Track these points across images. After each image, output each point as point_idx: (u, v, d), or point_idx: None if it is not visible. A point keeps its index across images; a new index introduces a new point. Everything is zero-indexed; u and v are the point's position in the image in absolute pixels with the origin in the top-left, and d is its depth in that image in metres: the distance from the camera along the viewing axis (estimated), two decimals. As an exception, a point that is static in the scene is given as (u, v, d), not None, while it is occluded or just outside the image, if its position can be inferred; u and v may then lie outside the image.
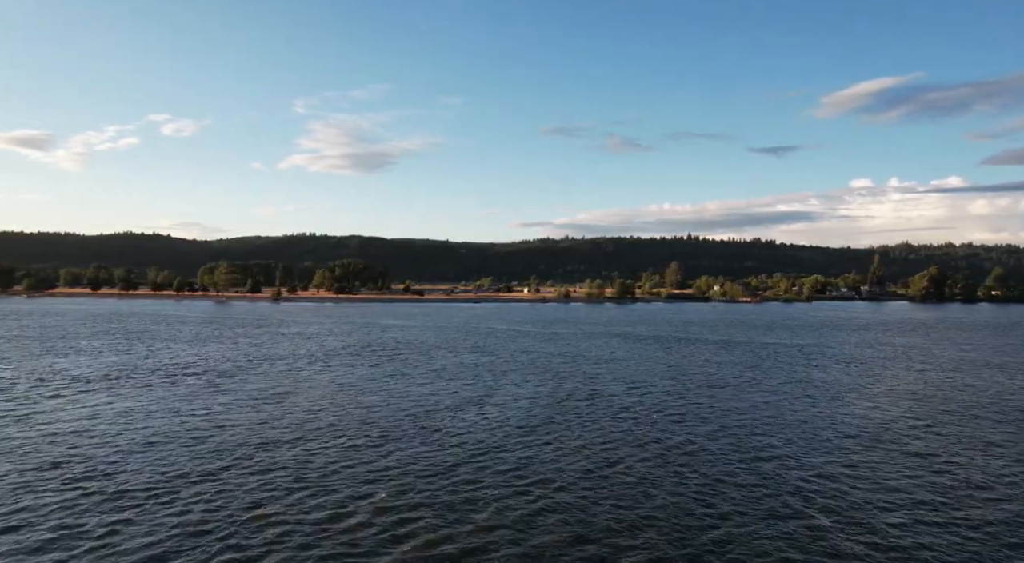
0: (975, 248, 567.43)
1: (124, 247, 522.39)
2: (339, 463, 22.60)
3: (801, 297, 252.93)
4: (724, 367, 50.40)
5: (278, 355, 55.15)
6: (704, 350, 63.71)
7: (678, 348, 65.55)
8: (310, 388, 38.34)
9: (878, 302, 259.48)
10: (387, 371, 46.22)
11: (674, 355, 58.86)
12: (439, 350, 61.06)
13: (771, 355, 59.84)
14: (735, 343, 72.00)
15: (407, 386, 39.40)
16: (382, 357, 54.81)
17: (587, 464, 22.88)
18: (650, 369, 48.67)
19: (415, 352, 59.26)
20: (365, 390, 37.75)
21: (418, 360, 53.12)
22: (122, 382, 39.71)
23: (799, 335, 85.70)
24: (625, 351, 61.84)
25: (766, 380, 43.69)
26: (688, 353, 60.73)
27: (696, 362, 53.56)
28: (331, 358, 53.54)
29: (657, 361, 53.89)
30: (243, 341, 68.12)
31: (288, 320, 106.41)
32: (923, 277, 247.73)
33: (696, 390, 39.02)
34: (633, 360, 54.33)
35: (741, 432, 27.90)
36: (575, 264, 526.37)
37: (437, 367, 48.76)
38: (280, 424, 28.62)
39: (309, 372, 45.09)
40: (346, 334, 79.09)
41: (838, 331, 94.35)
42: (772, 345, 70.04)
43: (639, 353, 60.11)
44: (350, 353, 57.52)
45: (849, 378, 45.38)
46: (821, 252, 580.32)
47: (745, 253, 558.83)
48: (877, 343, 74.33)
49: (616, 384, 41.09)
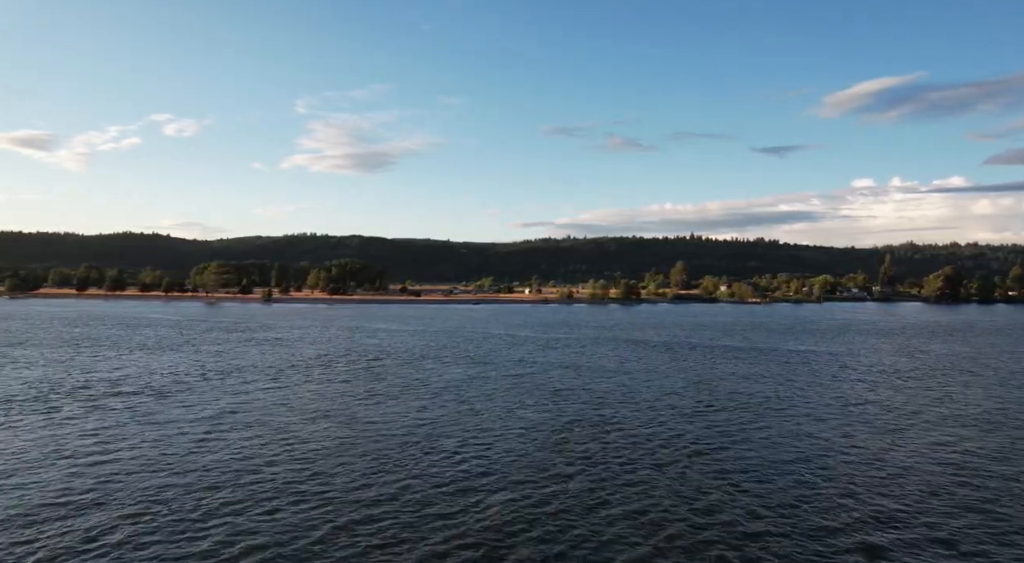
0: (981, 248, 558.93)
1: (123, 247, 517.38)
2: (240, 530, 15.28)
3: (812, 298, 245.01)
4: (755, 383, 42.95)
5: (236, 367, 47.85)
6: (726, 360, 56.25)
7: (695, 358, 58.10)
8: (252, 414, 31.03)
9: (891, 303, 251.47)
10: (358, 390, 38.91)
11: (692, 366, 51.42)
12: (425, 361, 53.71)
13: (803, 366, 52.38)
14: (757, 351, 64.52)
15: (375, 412, 32.07)
16: (357, 370, 47.46)
17: (597, 535, 15.52)
18: (668, 386, 41.25)
19: (397, 363, 51.94)
20: (321, 416, 30.44)
21: (398, 374, 45.78)
22: (28, 404, 32.41)
23: (825, 341, 78.14)
24: (636, 361, 54.43)
25: (808, 401, 36.26)
26: (708, 364, 53.27)
27: (720, 376, 46.11)
28: (297, 372, 46.22)
29: (675, 375, 46.45)
30: (206, 349, 60.85)
31: (271, 323, 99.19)
32: (938, 277, 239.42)
33: (728, 416, 31.61)
34: (646, 373, 46.91)
35: (796, 476, 20.49)
36: (577, 264, 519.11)
37: (418, 384, 41.43)
38: (185, 467, 21.29)
39: (262, 391, 37.77)
40: (327, 340, 71.80)
41: (865, 336, 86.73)
42: (800, 354, 62.56)
43: (652, 364, 52.67)
44: (322, 365, 50.20)
45: (903, 397, 37.91)
46: (825, 252, 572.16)
47: (748, 253, 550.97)
48: (915, 351, 66.74)
49: (629, 407, 33.69)
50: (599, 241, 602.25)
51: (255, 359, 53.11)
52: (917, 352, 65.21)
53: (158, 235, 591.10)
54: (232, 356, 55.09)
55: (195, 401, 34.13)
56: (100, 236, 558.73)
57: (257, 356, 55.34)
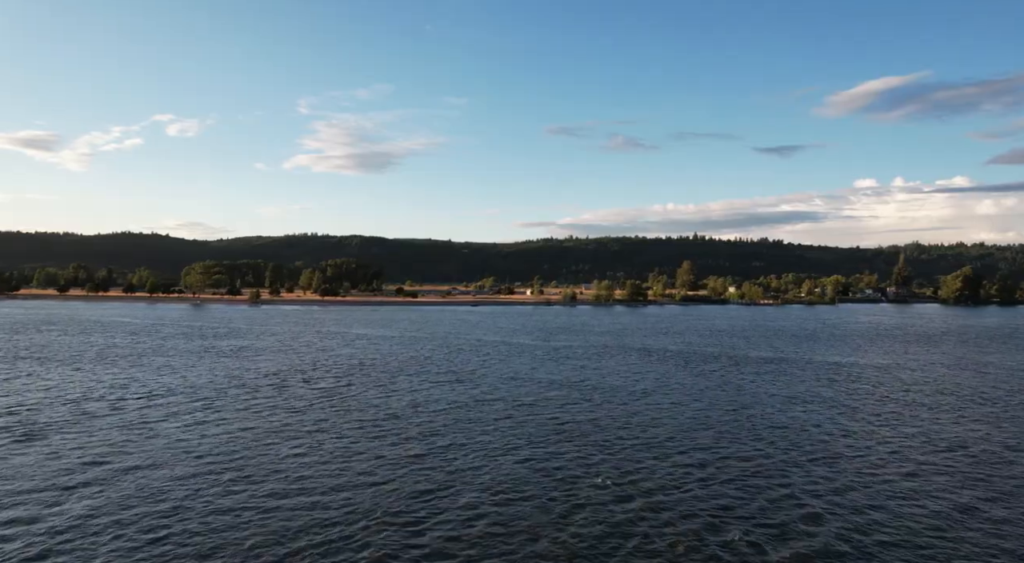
0: (988, 248, 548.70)
1: (122, 247, 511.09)
2: None
3: (824, 299, 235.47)
4: (807, 410, 33.98)
5: (163, 389, 39.03)
6: (759, 377, 47.27)
7: (722, 373, 49.13)
8: (129, 460, 22.17)
9: (907, 304, 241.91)
10: (307, 420, 30.10)
11: (723, 386, 42.46)
12: (401, 378, 44.85)
13: (854, 385, 43.41)
14: (790, 363, 55.54)
15: (321, 455, 23.23)
16: (312, 395, 38.61)
17: None
18: (700, 416, 32.31)
19: (368, 380, 43.11)
20: (228, 469, 21.59)
21: (365, 397, 36.95)
22: None
23: (862, 349, 69.05)
24: (653, 378, 45.48)
25: (886, 441, 27.31)
26: (741, 383, 44.29)
27: (761, 400, 37.15)
28: (233, 398, 37.38)
29: (704, 398, 37.50)
30: (153, 362, 52.06)
31: (245, 328, 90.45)
32: (957, 278, 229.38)
33: (785, 461, 22.69)
34: (668, 395, 37.98)
35: None
36: (580, 264, 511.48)
37: (385, 411, 32.60)
38: None
39: (169, 425, 28.89)
40: (296, 350, 63.00)
41: (904, 344, 77.56)
42: (842, 368, 53.54)
43: (673, 382, 43.73)
44: (273, 385, 41.37)
45: (1005, 434, 28.92)
46: (830, 252, 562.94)
47: (752, 253, 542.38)
48: (975, 364, 57.64)
49: (654, 452, 24.78)
50: (602, 241, 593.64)
51: (192, 378, 44.27)
52: (979, 366, 56.07)
53: (157, 235, 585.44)
54: (168, 373, 46.27)
55: (64, 443, 25.25)
56: (99, 236, 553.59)
57: (198, 373, 46.52)
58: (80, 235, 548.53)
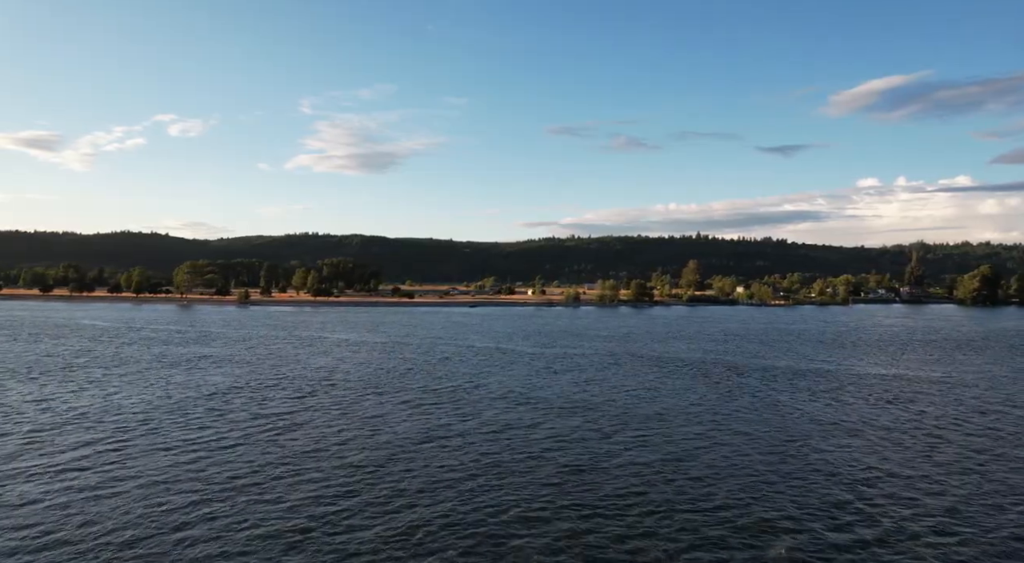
0: (994, 247, 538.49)
1: (121, 247, 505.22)
2: None
3: (836, 299, 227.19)
4: (867, 447, 26.44)
5: (88, 410, 31.62)
6: (793, 395, 39.70)
7: (750, 389, 41.57)
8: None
9: (922, 304, 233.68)
10: (229, 463, 22.68)
11: (753, 408, 34.90)
12: (368, 399, 37.43)
13: (913, 407, 35.83)
14: (825, 375, 47.92)
15: (228, 512, 15.76)
16: (263, 417, 31.19)
17: None
18: (738, 458, 24.80)
19: (327, 402, 35.71)
20: (123, 531, 14.20)
21: (313, 428, 29.53)
22: None
23: (903, 358, 61.35)
24: (670, 397, 37.96)
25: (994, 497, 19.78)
26: (772, 403, 36.72)
27: (803, 430, 29.59)
28: (174, 418, 29.94)
29: (735, 425, 29.94)
30: (81, 377, 44.66)
31: (219, 332, 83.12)
32: (974, 277, 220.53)
33: (872, 538, 15.22)
34: (691, 422, 30.46)
35: None
36: (582, 264, 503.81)
37: (331, 451, 25.21)
38: None
39: (71, 460, 21.45)
40: (265, 359, 55.64)
41: (945, 350, 69.78)
42: (889, 381, 45.92)
43: (694, 401, 36.18)
44: (219, 407, 33.96)
45: None
46: (835, 251, 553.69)
47: (756, 252, 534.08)
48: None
49: (685, 515, 17.29)
50: (604, 240, 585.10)
51: (118, 398, 36.87)
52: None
53: (157, 234, 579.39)
54: (90, 391, 38.87)
55: None
56: (98, 235, 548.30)
57: (128, 392, 39.13)
58: (79, 235, 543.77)
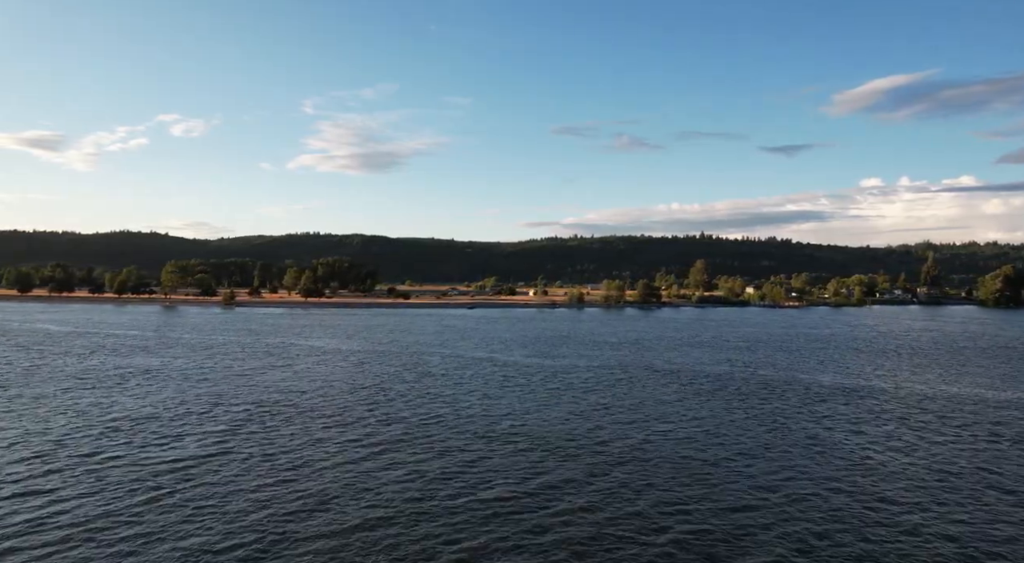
0: (1002, 247, 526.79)
1: (120, 246, 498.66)
2: None
3: (851, 300, 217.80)
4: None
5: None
6: (856, 425, 30.94)
7: (800, 417, 32.78)
8: None
9: (940, 305, 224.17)
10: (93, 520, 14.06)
11: (814, 448, 26.16)
12: (310, 433, 28.81)
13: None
14: (889, 395, 39.11)
15: None
16: (173, 456, 22.55)
17: None
18: (821, 534, 16.06)
19: (260, 436, 27.18)
20: None
21: (222, 479, 20.92)
22: None
23: (967, 370, 52.43)
24: (699, 429, 29.22)
25: None
26: (832, 440, 27.92)
27: (892, 486, 20.85)
28: (35, 463, 21.33)
29: (798, 476, 21.19)
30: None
31: (183, 339, 74.60)
32: (996, 277, 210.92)
33: None
34: (736, 468, 21.76)
35: None
36: (585, 263, 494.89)
37: (235, 515, 16.50)
38: None
39: None
40: (209, 374, 47.10)
41: (1012, 360, 60.88)
42: (971, 403, 37.08)
43: (732, 435, 27.43)
44: (96, 451, 25.40)
45: None
46: (840, 251, 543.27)
47: (761, 252, 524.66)
48: None
49: None
50: (607, 240, 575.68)
51: (6, 425, 28.30)
52: None
53: (156, 234, 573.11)
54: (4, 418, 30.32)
55: None
56: (97, 235, 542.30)
57: (25, 416, 30.53)
58: (78, 234, 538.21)
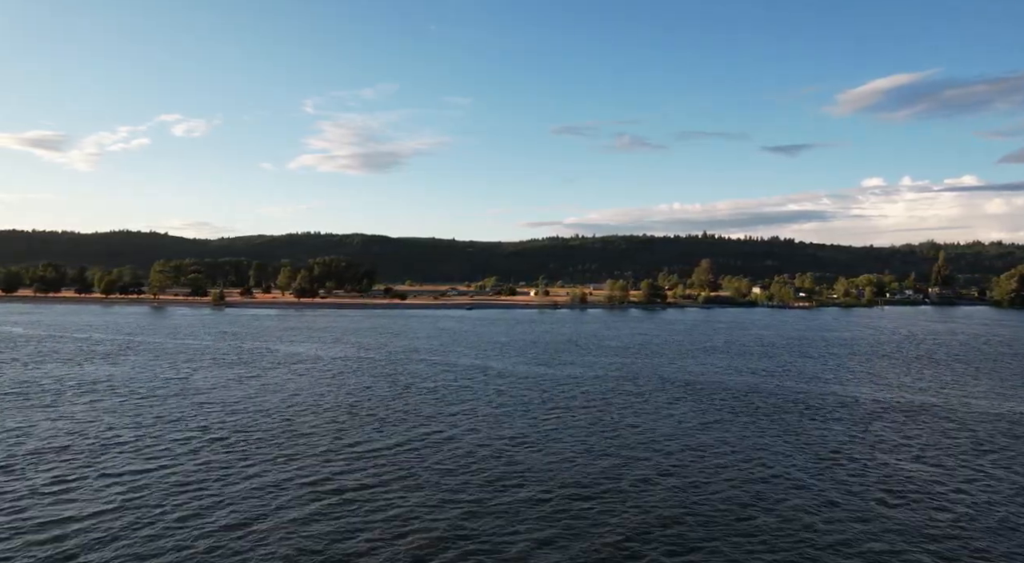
0: (1007, 246, 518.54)
1: (120, 246, 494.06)
2: None
3: (862, 301, 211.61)
4: None
5: None
6: (940, 460, 24.93)
7: (867, 444, 26.85)
8: None
9: (953, 306, 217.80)
10: None
11: (874, 485, 20.20)
12: (255, 468, 22.97)
13: None
14: (942, 413, 33.11)
15: None
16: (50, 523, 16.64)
17: None
18: None
19: (189, 473, 21.27)
20: None
21: (122, 534, 14.99)
22: None
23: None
24: (734, 464, 23.35)
25: None
26: (903, 475, 21.97)
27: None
28: None
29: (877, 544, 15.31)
30: None
31: (150, 343, 68.81)
32: (1011, 277, 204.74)
33: None
34: (803, 537, 15.88)
35: None
36: (586, 263, 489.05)
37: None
38: None
39: None
40: (162, 386, 41.28)
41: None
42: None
43: (781, 478, 21.52)
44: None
45: None
46: (843, 251, 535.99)
47: (764, 252, 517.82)
48: None
49: None
50: (609, 239, 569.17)
51: None
52: None
53: (156, 234, 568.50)
54: None
55: None
56: (96, 234, 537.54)
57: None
58: (78, 234, 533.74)
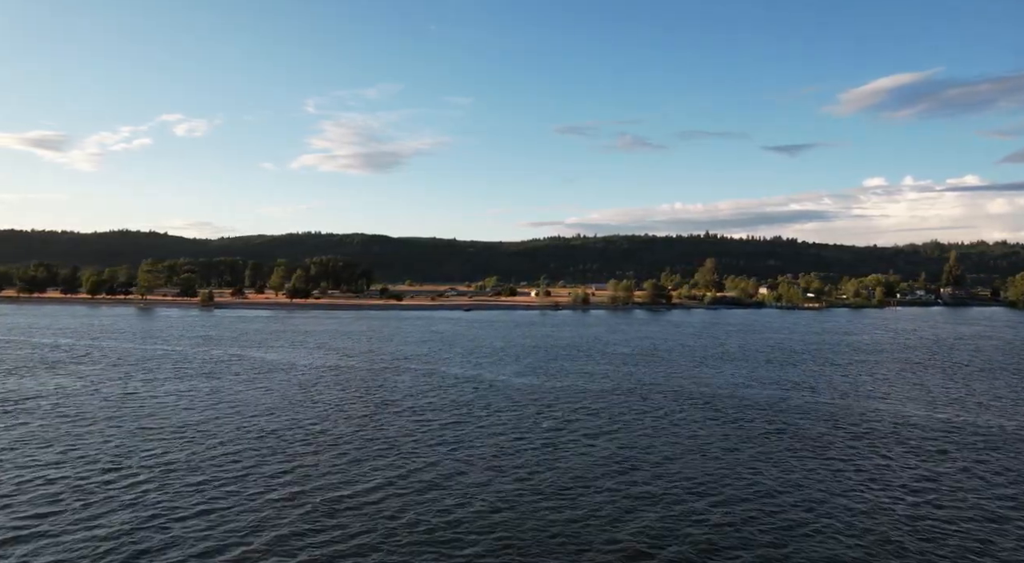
0: (1012, 246, 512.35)
1: (120, 246, 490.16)
2: None
3: (872, 302, 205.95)
4: None
5: None
6: None
7: (943, 484, 21.45)
8: None
9: (967, 307, 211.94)
10: None
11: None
12: (190, 506, 17.50)
13: None
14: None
15: None
16: None
17: None
18: None
19: (107, 506, 15.94)
20: None
21: None
22: None
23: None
24: (798, 525, 17.95)
25: None
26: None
27: None
28: None
29: None
30: None
31: (115, 348, 63.65)
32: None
33: None
34: None
35: None
36: (588, 263, 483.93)
37: None
38: None
39: None
40: (117, 405, 36.03)
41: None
42: None
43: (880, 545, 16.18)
44: None
45: None
46: (847, 251, 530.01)
47: (767, 252, 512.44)
48: None
49: None
50: (610, 239, 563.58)
51: None
52: None
53: (155, 234, 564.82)
54: None
55: None
56: (96, 234, 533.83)
57: None
58: (77, 234, 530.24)
